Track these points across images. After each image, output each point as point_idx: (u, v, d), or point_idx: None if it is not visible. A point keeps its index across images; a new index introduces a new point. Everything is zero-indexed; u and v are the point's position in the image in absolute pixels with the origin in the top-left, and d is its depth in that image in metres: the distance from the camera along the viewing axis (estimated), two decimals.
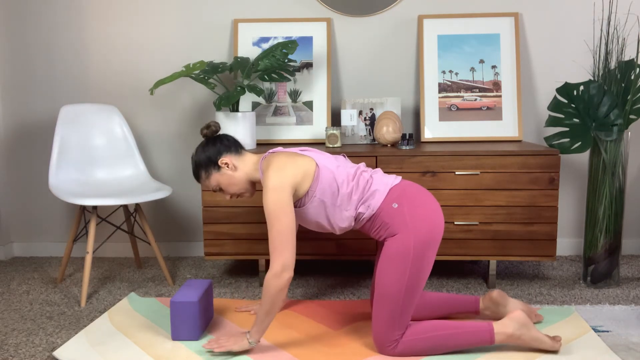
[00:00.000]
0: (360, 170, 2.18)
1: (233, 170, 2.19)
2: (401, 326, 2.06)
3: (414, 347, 2.07)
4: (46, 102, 3.36)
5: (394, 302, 2.04)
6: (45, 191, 3.44)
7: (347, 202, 2.13)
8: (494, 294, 2.31)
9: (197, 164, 2.22)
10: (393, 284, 2.04)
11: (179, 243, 3.45)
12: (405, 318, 2.06)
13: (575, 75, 3.21)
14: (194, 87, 3.30)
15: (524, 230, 2.71)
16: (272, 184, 2.03)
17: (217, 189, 2.23)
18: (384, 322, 2.06)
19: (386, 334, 2.06)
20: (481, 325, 2.08)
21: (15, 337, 2.34)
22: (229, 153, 2.20)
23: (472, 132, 3.10)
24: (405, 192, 2.14)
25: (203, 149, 2.22)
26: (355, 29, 3.23)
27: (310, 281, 2.96)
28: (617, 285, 2.82)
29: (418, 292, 2.07)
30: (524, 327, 2.06)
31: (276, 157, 2.13)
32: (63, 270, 2.98)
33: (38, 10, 3.29)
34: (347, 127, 3.11)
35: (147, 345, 2.22)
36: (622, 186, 2.76)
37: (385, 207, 2.11)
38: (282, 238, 2.00)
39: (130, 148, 3.10)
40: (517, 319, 2.07)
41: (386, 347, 2.08)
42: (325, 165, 2.13)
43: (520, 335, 2.05)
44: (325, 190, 2.11)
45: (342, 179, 2.13)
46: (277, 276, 1.99)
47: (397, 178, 2.20)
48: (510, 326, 2.06)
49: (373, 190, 2.13)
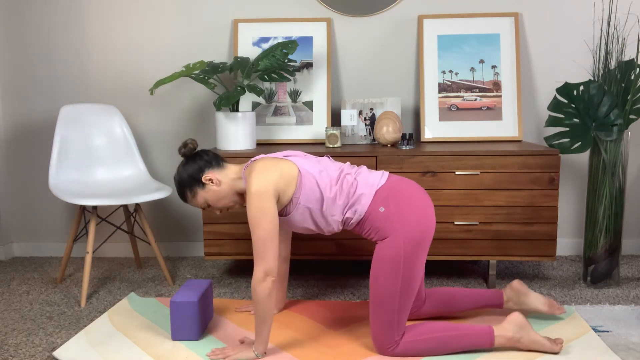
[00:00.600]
0: (344, 174, 2.14)
1: (218, 185, 2.16)
2: (399, 327, 2.06)
3: (414, 348, 2.07)
4: (46, 102, 3.36)
5: (389, 304, 2.04)
6: (45, 191, 3.44)
7: (333, 206, 2.11)
8: (514, 283, 2.34)
9: (180, 184, 2.19)
10: (387, 288, 2.04)
11: (179, 243, 3.45)
12: (403, 318, 2.06)
13: (575, 75, 3.21)
14: (194, 87, 3.30)
15: (524, 230, 2.71)
16: (255, 189, 2.01)
17: (205, 206, 2.20)
18: (382, 325, 2.06)
19: (385, 337, 2.06)
20: (481, 328, 2.09)
21: (15, 337, 2.34)
22: (210, 168, 2.17)
23: (472, 132, 3.10)
24: (392, 192, 2.10)
25: (184, 168, 2.18)
26: (355, 29, 3.23)
27: (310, 281, 2.96)
28: (617, 285, 2.82)
29: (413, 292, 2.07)
30: (523, 330, 2.07)
31: (258, 163, 2.11)
32: (63, 270, 2.98)
33: (38, 11, 3.29)
34: (347, 127, 3.11)
35: (147, 345, 2.22)
36: (622, 186, 2.76)
37: (372, 211, 2.09)
38: (263, 244, 2.00)
39: (130, 148, 3.10)
40: (516, 322, 2.08)
41: (386, 349, 2.08)
42: (307, 170, 2.11)
43: (519, 338, 2.07)
44: (309, 196, 2.09)
45: (325, 184, 2.10)
46: (261, 282, 2.00)
47: (383, 176, 2.15)
48: (510, 329, 2.07)
49: (359, 195, 2.10)
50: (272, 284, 2.01)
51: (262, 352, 2.08)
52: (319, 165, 2.15)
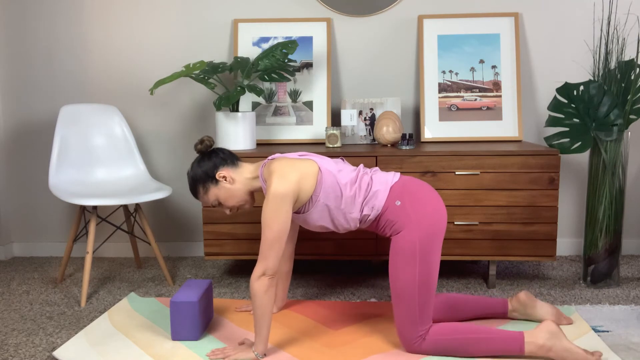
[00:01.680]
0: (362, 173, 2.19)
1: (231, 183, 2.18)
2: (423, 321, 2.06)
3: (440, 347, 2.05)
4: (46, 102, 3.36)
5: (409, 298, 2.05)
6: (45, 191, 3.44)
7: (351, 205, 2.14)
8: (521, 295, 2.32)
9: (194, 179, 2.21)
10: (405, 281, 2.05)
11: (179, 243, 3.45)
12: (426, 313, 2.06)
13: (575, 75, 3.21)
14: (194, 87, 3.30)
15: (524, 230, 2.71)
16: (274, 191, 2.03)
17: (215, 203, 2.22)
18: (405, 319, 2.07)
19: (410, 331, 2.06)
20: (511, 334, 2.02)
21: (15, 337, 2.34)
22: (225, 166, 2.19)
23: (472, 132, 3.10)
24: (406, 188, 2.15)
25: (199, 164, 2.20)
26: (355, 29, 3.23)
27: (310, 281, 2.96)
28: (617, 285, 2.82)
29: (433, 286, 2.07)
30: (555, 338, 1.98)
31: (277, 164, 2.12)
32: (63, 270, 2.98)
33: (38, 11, 3.29)
34: (347, 127, 3.11)
35: (146, 345, 2.22)
36: (622, 186, 2.76)
37: (388, 205, 2.13)
38: (270, 245, 2.02)
39: (130, 148, 3.10)
40: (548, 329, 2.00)
41: (412, 344, 2.07)
42: (327, 168, 2.14)
43: (551, 346, 1.98)
44: (329, 194, 2.12)
45: (345, 182, 2.14)
46: (257, 279, 2.02)
47: (395, 175, 2.21)
48: (541, 337, 1.99)
49: (375, 191, 2.14)
50: (269, 282, 2.03)
51: (262, 352, 2.08)
52: (336, 165, 2.19)
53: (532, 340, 2.00)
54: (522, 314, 2.35)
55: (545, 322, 2.03)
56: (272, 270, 2.03)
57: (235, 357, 2.07)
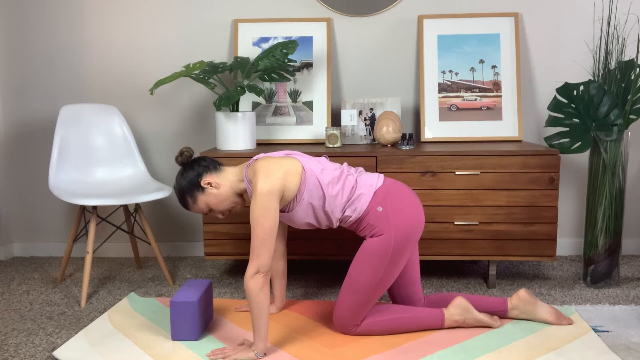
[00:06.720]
0: (346, 174, 2.23)
1: (217, 188, 2.21)
2: (366, 312, 2.23)
3: (372, 329, 2.24)
4: (46, 102, 3.36)
5: (363, 293, 2.18)
6: (45, 191, 3.44)
7: (334, 204, 2.19)
8: (522, 292, 2.37)
9: (180, 192, 2.24)
10: (367, 278, 2.17)
11: (179, 243, 3.45)
12: (371, 305, 2.23)
13: (575, 75, 3.21)
14: (194, 87, 3.30)
15: (524, 230, 2.71)
16: (261, 189, 2.06)
17: (206, 210, 2.25)
18: (350, 308, 2.20)
19: (350, 319, 2.21)
20: (433, 311, 2.29)
21: (15, 337, 2.34)
22: (209, 172, 2.22)
23: (472, 132, 3.10)
24: (389, 193, 2.22)
25: (182, 176, 2.23)
26: (355, 29, 3.23)
27: (310, 281, 2.96)
28: (617, 285, 2.82)
29: (388, 285, 2.23)
30: (467, 312, 2.28)
31: (261, 163, 2.15)
32: (63, 270, 2.98)
33: (38, 11, 3.29)
34: (347, 127, 3.11)
35: (146, 345, 2.22)
36: (622, 186, 2.76)
37: (370, 209, 2.19)
38: (262, 243, 2.05)
39: (130, 148, 3.10)
40: (461, 306, 2.28)
41: (348, 329, 2.24)
42: (310, 168, 2.18)
43: (464, 319, 2.28)
44: (313, 192, 2.16)
45: (327, 182, 2.18)
46: (251, 278, 2.04)
47: (379, 178, 2.26)
48: (456, 313, 2.28)
49: (359, 194, 2.20)
50: (263, 279, 2.05)
51: (262, 352, 2.08)
52: (319, 164, 2.22)
53: (449, 316, 2.28)
54: (522, 312, 2.35)
55: (457, 298, 2.29)
56: (266, 267, 2.04)
57: (235, 357, 2.07)
